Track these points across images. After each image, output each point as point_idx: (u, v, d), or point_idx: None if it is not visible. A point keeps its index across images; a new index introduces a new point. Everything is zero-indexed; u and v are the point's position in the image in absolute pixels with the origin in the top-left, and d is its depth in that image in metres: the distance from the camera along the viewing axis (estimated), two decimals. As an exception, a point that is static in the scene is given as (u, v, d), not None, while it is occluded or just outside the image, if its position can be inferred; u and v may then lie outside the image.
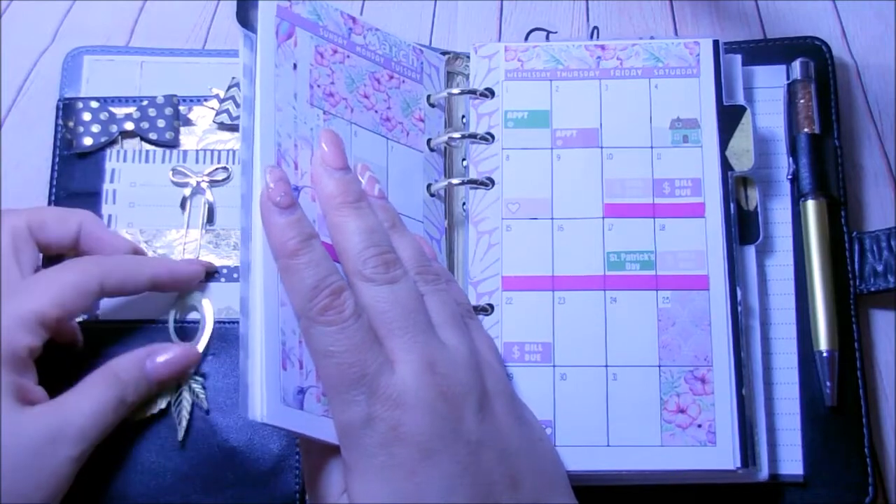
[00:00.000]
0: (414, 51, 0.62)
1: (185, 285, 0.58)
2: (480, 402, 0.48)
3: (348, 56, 0.59)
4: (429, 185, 0.59)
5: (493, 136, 0.60)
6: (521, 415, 0.51)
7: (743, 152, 0.59)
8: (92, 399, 0.51)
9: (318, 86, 0.56)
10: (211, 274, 0.60)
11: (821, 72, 0.63)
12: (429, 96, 0.61)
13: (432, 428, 0.46)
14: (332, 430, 0.48)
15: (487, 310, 0.57)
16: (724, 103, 0.59)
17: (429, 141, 0.60)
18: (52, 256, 0.58)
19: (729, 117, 0.59)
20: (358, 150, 0.57)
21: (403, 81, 0.61)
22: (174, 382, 0.56)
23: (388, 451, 0.45)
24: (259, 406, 0.48)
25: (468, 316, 0.54)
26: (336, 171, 0.53)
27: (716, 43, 0.61)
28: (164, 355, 0.55)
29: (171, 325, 0.58)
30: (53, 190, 0.61)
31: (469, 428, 0.47)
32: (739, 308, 0.56)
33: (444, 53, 0.63)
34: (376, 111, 0.59)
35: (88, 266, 0.54)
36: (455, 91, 0.61)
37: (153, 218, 0.61)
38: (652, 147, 0.59)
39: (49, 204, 0.61)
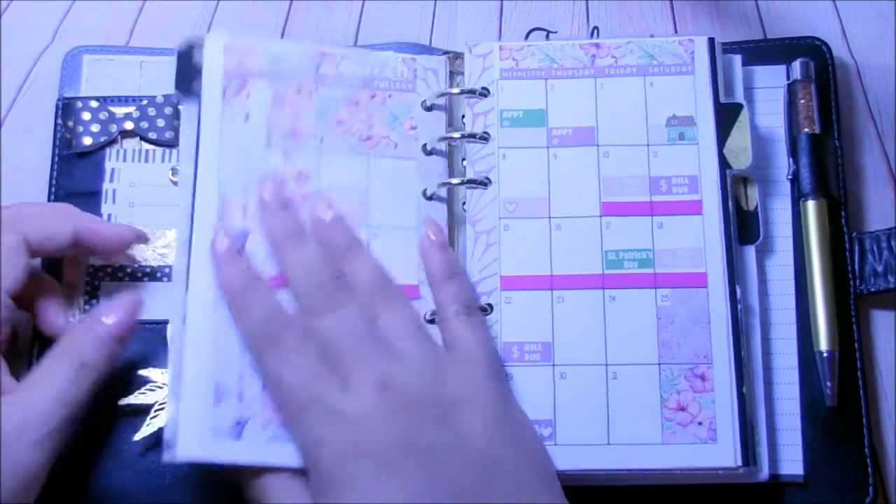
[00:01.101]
0: (404, 61, 0.62)
1: (108, 246, 0.57)
2: (442, 412, 0.49)
3: (316, 90, 0.60)
4: (425, 190, 0.59)
5: (489, 136, 0.60)
6: (494, 418, 0.50)
7: (741, 150, 0.59)
8: (52, 380, 0.51)
9: (277, 128, 0.59)
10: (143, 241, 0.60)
11: (821, 72, 0.63)
12: (424, 101, 0.61)
13: (387, 442, 0.47)
14: (281, 455, 0.50)
15: (487, 309, 0.56)
16: (721, 101, 0.60)
17: (426, 145, 0.60)
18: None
19: (726, 115, 0.59)
20: (328, 178, 0.58)
21: (390, 96, 0.61)
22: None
23: (345, 469, 0.46)
24: (185, 445, 0.51)
25: (463, 313, 0.54)
26: (278, 210, 0.55)
27: (711, 40, 0.61)
28: (111, 314, 0.54)
29: (169, 327, 0.58)
30: (53, 189, 0.61)
31: (427, 439, 0.47)
32: (739, 305, 0.56)
33: (444, 53, 0.63)
34: (353, 134, 0.60)
35: (7, 222, 0.53)
36: (454, 91, 0.61)
37: (153, 218, 0.61)
38: (648, 145, 0.59)
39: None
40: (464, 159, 0.60)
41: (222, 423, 0.51)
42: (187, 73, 0.59)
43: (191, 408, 0.52)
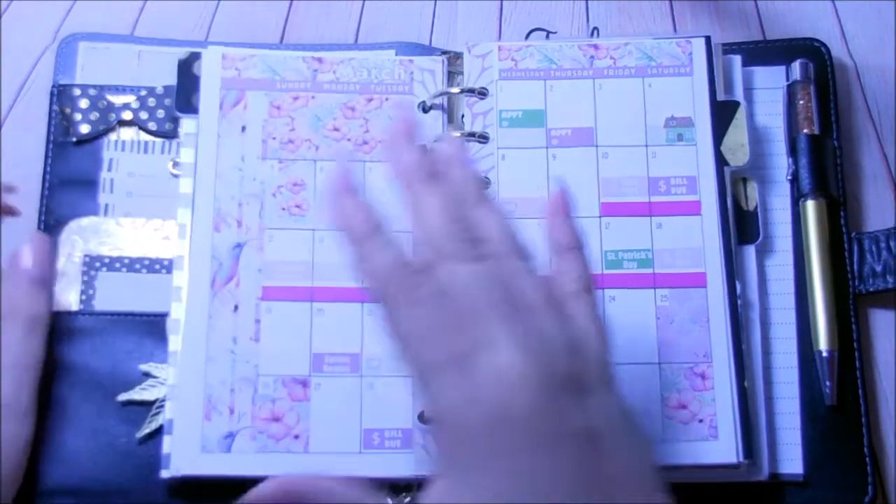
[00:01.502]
0: (401, 63, 0.62)
1: None
2: (581, 389, 0.42)
3: (313, 97, 0.61)
4: None
5: (488, 136, 0.60)
6: (622, 403, 0.45)
7: (738, 147, 0.59)
8: (9, 347, 0.52)
9: (274, 138, 0.60)
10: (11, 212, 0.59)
11: (820, 73, 0.63)
12: (423, 102, 0.61)
13: (534, 412, 0.40)
14: (269, 466, 0.53)
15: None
16: (718, 98, 0.60)
17: (424, 146, 0.60)
18: None
19: (723, 112, 0.60)
20: (323, 185, 0.59)
21: (386, 99, 0.61)
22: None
23: (489, 435, 0.40)
24: (177, 462, 0.54)
25: (583, 291, 0.47)
26: (407, 147, 0.48)
27: (707, 40, 0.61)
28: (24, 263, 0.54)
29: (168, 318, 0.58)
30: (47, 177, 0.61)
31: (572, 415, 0.41)
32: (739, 302, 0.56)
33: (443, 53, 0.63)
34: (349, 139, 0.60)
35: None
36: (453, 90, 0.61)
37: (151, 208, 0.61)
38: (647, 146, 0.59)
39: (43, 190, 0.61)
40: (464, 159, 0.60)
41: (212, 438, 0.54)
42: (187, 86, 0.61)
43: (183, 425, 0.54)
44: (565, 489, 0.39)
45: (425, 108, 0.61)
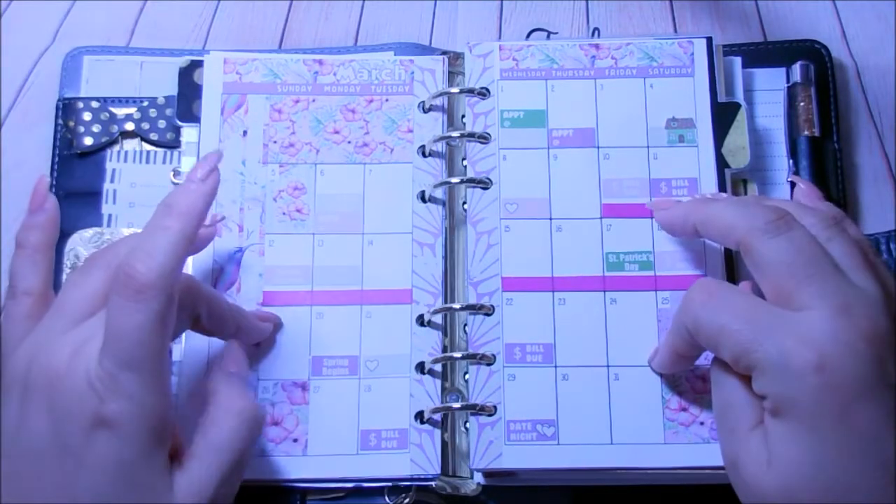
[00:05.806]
0: (401, 64, 0.62)
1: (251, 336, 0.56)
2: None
3: (313, 100, 0.61)
4: (423, 192, 0.59)
5: (489, 136, 0.60)
6: None
7: (738, 149, 0.59)
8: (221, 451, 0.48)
9: (275, 142, 0.60)
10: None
11: (820, 75, 0.63)
12: (423, 102, 0.61)
13: (855, 370, 0.43)
14: (270, 470, 0.54)
15: (489, 310, 0.56)
16: (719, 100, 0.60)
17: (423, 147, 0.60)
18: None
19: (724, 114, 0.60)
20: (324, 189, 0.59)
21: (386, 100, 0.61)
22: None
23: (815, 397, 0.43)
24: None
25: (873, 255, 0.49)
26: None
27: (709, 41, 0.61)
28: (234, 359, 0.52)
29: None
30: (53, 189, 0.61)
31: (892, 372, 0.43)
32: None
33: (443, 53, 0.63)
34: (349, 142, 0.60)
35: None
36: (454, 90, 0.61)
37: (154, 218, 0.61)
38: (648, 147, 0.59)
39: None
40: (464, 159, 0.60)
41: None
42: (188, 95, 0.61)
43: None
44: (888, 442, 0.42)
45: (425, 109, 0.61)
